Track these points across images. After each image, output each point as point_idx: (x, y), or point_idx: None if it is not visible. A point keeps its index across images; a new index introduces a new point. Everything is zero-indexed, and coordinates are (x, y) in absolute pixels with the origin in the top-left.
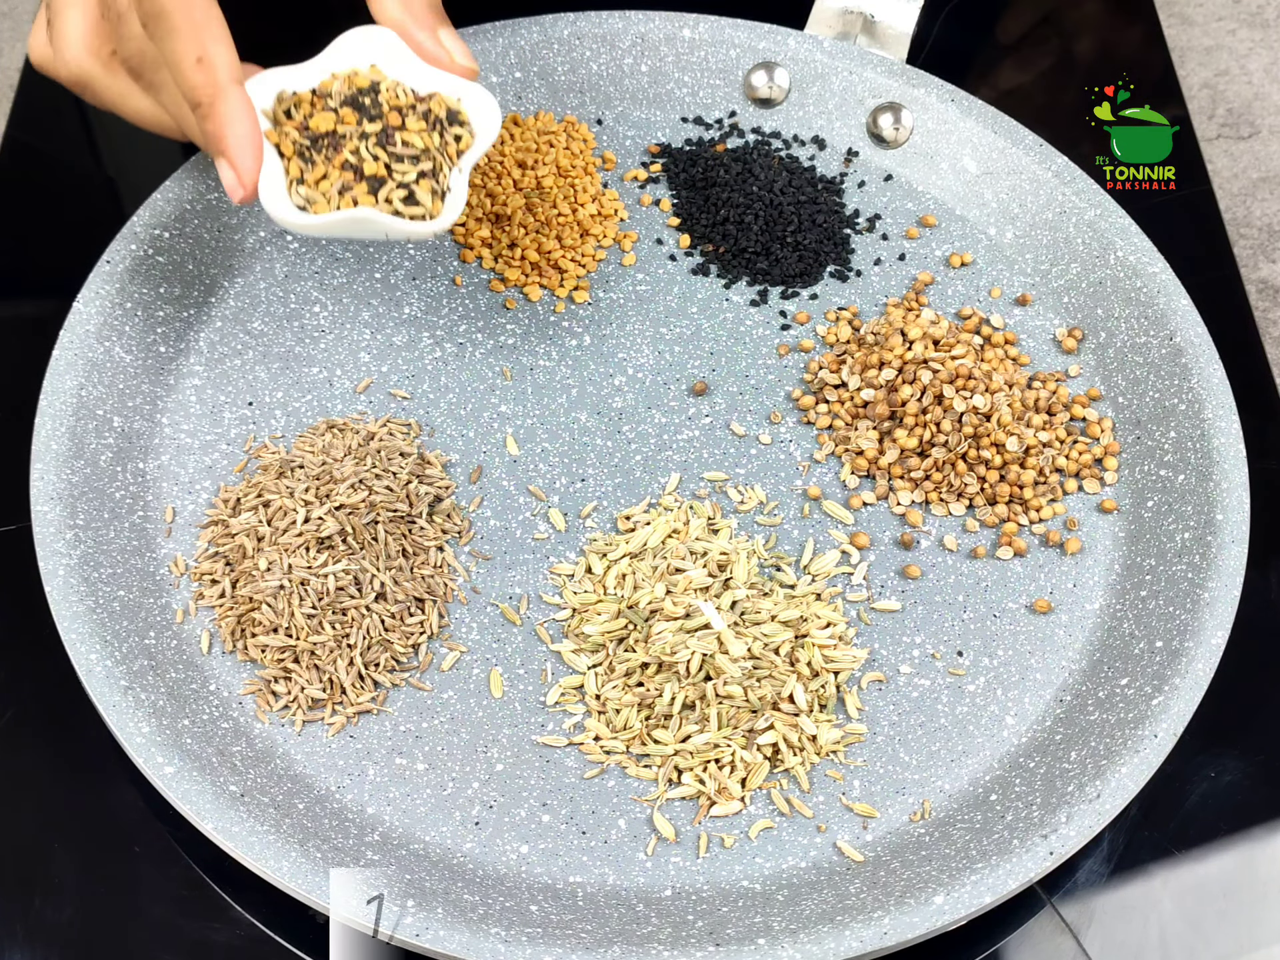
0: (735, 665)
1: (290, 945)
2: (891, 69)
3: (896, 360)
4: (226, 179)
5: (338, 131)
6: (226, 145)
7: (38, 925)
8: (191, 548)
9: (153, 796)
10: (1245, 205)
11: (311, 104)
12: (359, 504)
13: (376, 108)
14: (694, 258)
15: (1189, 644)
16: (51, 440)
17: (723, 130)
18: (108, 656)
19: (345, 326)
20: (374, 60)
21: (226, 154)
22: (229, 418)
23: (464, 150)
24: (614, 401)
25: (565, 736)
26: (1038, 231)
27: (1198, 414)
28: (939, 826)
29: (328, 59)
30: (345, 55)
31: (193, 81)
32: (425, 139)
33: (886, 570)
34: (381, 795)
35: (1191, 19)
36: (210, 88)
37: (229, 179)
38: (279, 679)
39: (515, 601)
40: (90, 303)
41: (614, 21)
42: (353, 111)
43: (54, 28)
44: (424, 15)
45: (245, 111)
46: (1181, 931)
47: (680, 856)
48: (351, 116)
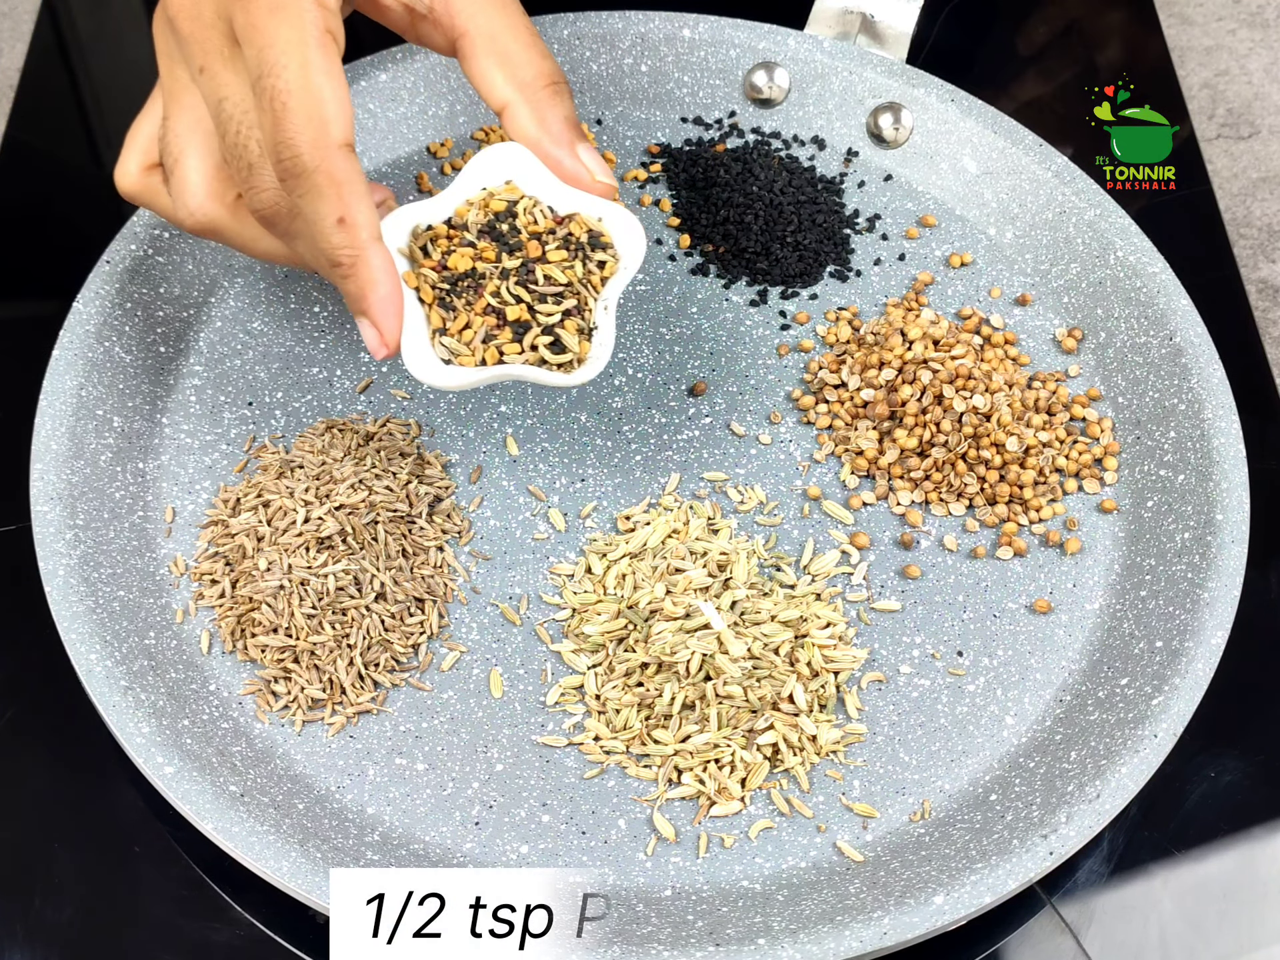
0: (735, 665)
1: (290, 945)
2: (891, 69)
3: (896, 360)
4: (370, 339)
5: (477, 270)
6: (369, 306)
7: (38, 925)
8: (191, 548)
9: (153, 796)
10: (1245, 205)
11: (448, 237)
12: (359, 504)
13: (515, 235)
14: (694, 258)
15: (1189, 644)
16: (51, 440)
17: (723, 130)
18: (108, 656)
19: (345, 326)
20: (509, 177)
21: (369, 315)
22: (229, 418)
23: (607, 277)
24: (614, 401)
25: (565, 736)
26: (1038, 231)
27: (1198, 414)
28: (939, 826)
29: (462, 184)
30: (480, 177)
31: (334, 242)
32: (568, 272)
33: (886, 570)
34: (381, 795)
35: (1191, 19)
36: (353, 249)
37: (372, 339)
38: (279, 679)
39: (515, 601)
40: (90, 303)
41: (614, 21)
42: (491, 244)
43: (174, 176)
44: (562, 132)
45: (387, 271)
46: (1181, 931)
47: (680, 856)
48: (490, 250)
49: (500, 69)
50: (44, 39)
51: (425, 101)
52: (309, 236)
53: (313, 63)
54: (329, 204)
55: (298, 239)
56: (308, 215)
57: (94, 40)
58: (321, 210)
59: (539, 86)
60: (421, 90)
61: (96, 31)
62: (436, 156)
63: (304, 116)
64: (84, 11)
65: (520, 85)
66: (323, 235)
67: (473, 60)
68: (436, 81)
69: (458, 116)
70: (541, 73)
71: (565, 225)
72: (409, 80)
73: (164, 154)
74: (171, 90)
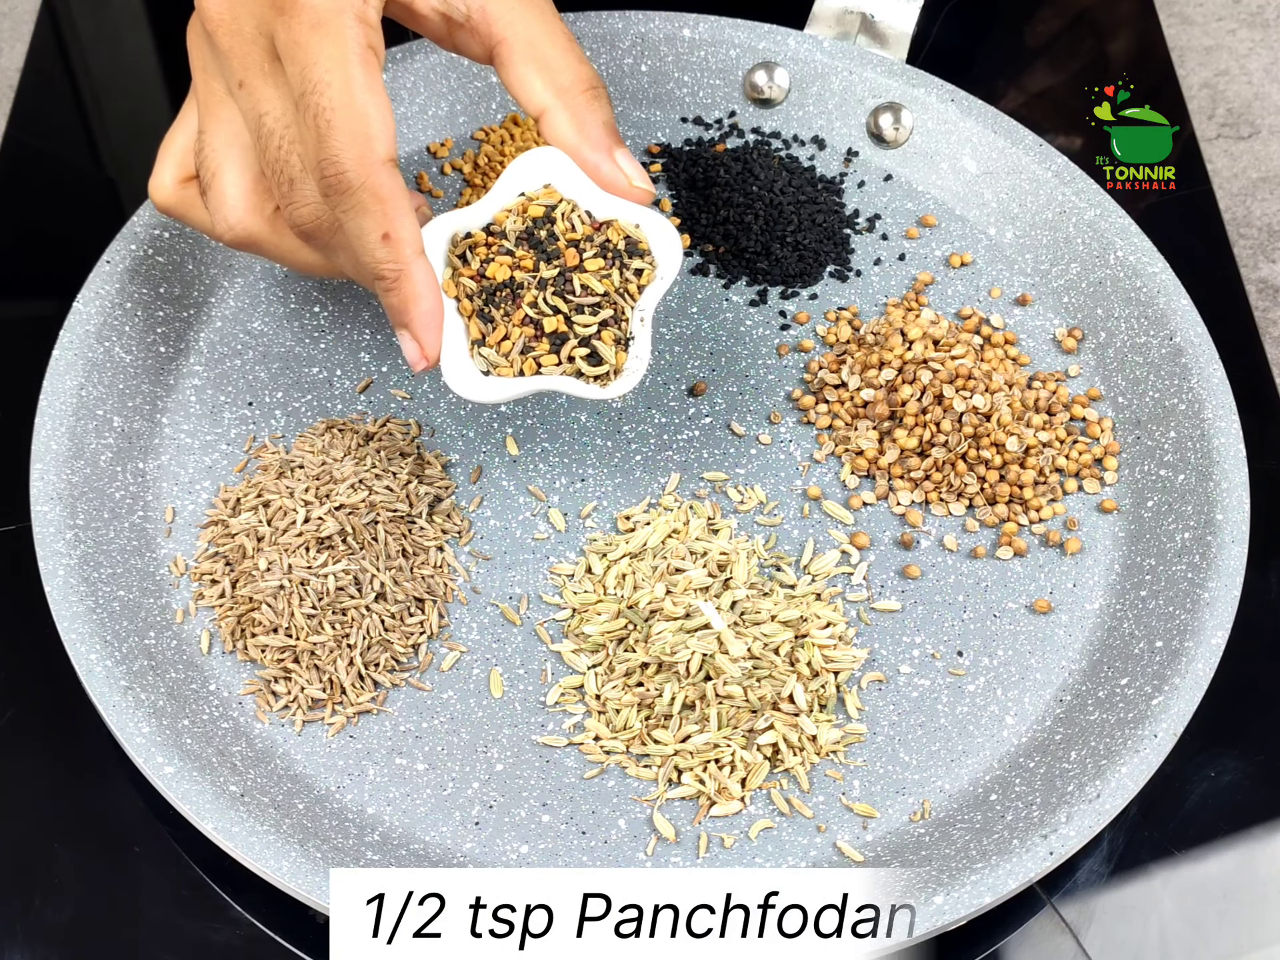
0: (735, 665)
1: (290, 945)
2: (891, 69)
3: (896, 360)
4: (410, 352)
5: (515, 279)
6: (411, 319)
7: (38, 925)
8: (191, 548)
9: (153, 796)
10: (1245, 205)
11: (486, 244)
12: (359, 504)
13: (553, 241)
14: (694, 258)
15: (1189, 644)
16: (51, 440)
17: (723, 130)
18: (108, 656)
19: (345, 326)
20: (548, 181)
21: (411, 328)
22: (229, 418)
23: (644, 285)
24: (614, 401)
25: (565, 736)
26: (1038, 231)
27: (1198, 414)
28: (939, 826)
29: (501, 189)
30: (518, 182)
31: (378, 257)
32: (605, 281)
33: (886, 570)
34: (381, 795)
35: (1191, 19)
36: (397, 264)
37: (413, 352)
38: (279, 679)
39: (515, 601)
40: (90, 303)
41: (614, 21)
42: (529, 251)
43: (211, 190)
44: (600, 137)
45: (430, 286)
46: (1181, 931)
47: (680, 856)
48: (529, 259)
49: (539, 75)
50: (44, 39)
51: (425, 101)
52: (350, 250)
53: (356, 80)
54: (373, 220)
55: (338, 252)
56: (351, 231)
57: (94, 40)
58: (366, 226)
59: (577, 92)
60: (421, 90)
61: (96, 31)
62: (436, 156)
63: (348, 134)
64: (84, 11)
65: (559, 91)
66: (366, 250)
67: (511, 67)
68: (436, 81)
69: (458, 116)
70: (580, 78)
71: (603, 232)
72: (409, 80)
73: (201, 167)
74: (208, 103)
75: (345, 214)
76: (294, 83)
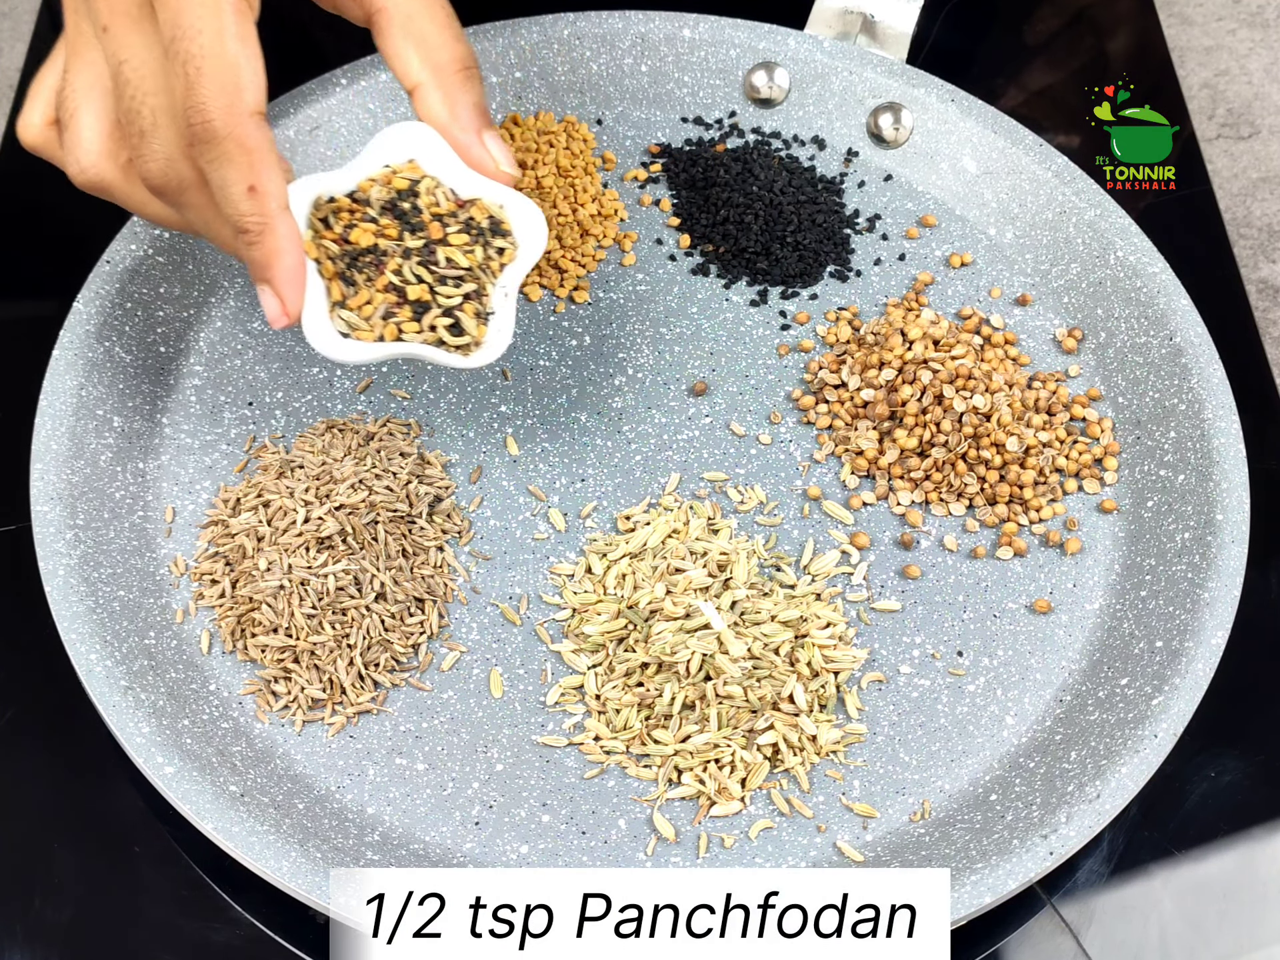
0: (735, 665)
1: (290, 945)
2: (891, 69)
3: (896, 360)
4: (271, 308)
5: (379, 246)
6: (274, 274)
7: (38, 925)
8: (191, 548)
9: (153, 796)
10: (1245, 205)
11: (350, 211)
12: (359, 504)
13: (417, 214)
14: (694, 258)
15: (1189, 644)
16: (51, 440)
17: (723, 130)
18: (108, 656)
19: None
20: (413, 156)
21: (273, 284)
22: (229, 418)
23: (506, 264)
24: (614, 401)
25: (565, 736)
26: (1038, 231)
27: (1198, 414)
28: (939, 826)
29: (366, 160)
30: (383, 154)
31: (242, 209)
32: (469, 256)
33: (886, 570)
34: (381, 795)
35: (1191, 19)
36: (261, 217)
37: (273, 308)
38: (279, 679)
39: (515, 601)
40: (90, 303)
41: (614, 21)
42: (394, 221)
43: (68, 131)
44: (470, 118)
45: (294, 242)
46: (1181, 931)
47: (680, 856)
48: (393, 228)
49: (416, 50)
50: (44, 39)
51: None
52: (201, 209)
53: (228, 29)
54: (239, 171)
55: (188, 209)
56: (215, 182)
57: None
58: (231, 177)
59: (451, 71)
60: None
61: None
62: None
63: (217, 83)
64: None
65: (434, 68)
66: (230, 202)
67: (388, 38)
68: None
69: None
70: (455, 57)
71: (467, 209)
72: None
73: (60, 108)
74: (75, 44)
75: (210, 164)
76: (164, 28)
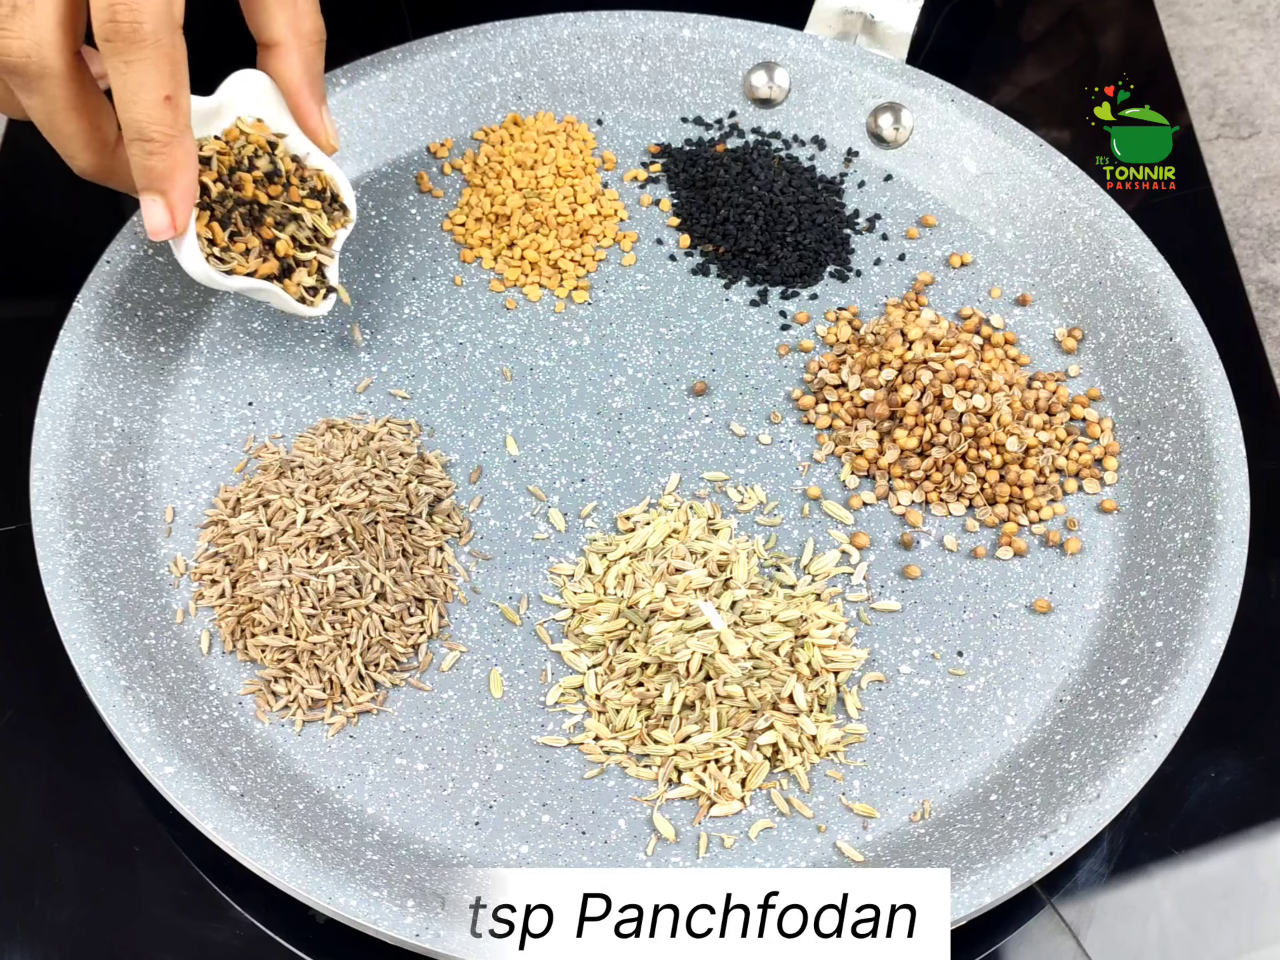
0: (735, 665)
1: (290, 945)
2: (891, 69)
3: (896, 360)
4: (158, 219)
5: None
6: (173, 186)
7: (38, 925)
8: (191, 548)
9: (153, 796)
10: (1245, 205)
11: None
12: (359, 504)
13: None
14: (694, 258)
15: (1189, 644)
16: (51, 440)
17: (723, 130)
18: (108, 656)
19: (345, 326)
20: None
21: (169, 196)
22: (229, 418)
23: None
24: (614, 401)
25: (565, 736)
26: (1038, 231)
27: (1198, 414)
28: (939, 826)
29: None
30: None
31: (154, 116)
32: (318, 219)
33: (886, 570)
34: (381, 795)
35: (1191, 19)
36: (172, 128)
37: (161, 219)
38: (279, 679)
39: (515, 601)
40: (90, 303)
41: (614, 21)
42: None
43: None
44: (319, 88)
45: (195, 159)
46: (1181, 931)
47: (680, 856)
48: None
49: (283, 11)
50: None
51: (425, 101)
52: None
53: None
54: (160, 78)
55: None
56: (130, 83)
57: None
58: (150, 82)
59: (312, 40)
60: (421, 90)
61: None
62: (436, 156)
63: None
64: None
65: (298, 33)
66: (143, 107)
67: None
68: (436, 81)
69: (458, 116)
70: (316, 28)
71: (313, 178)
72: (409, 80)
73: None
74: None
75: (129, 64)
76: None
